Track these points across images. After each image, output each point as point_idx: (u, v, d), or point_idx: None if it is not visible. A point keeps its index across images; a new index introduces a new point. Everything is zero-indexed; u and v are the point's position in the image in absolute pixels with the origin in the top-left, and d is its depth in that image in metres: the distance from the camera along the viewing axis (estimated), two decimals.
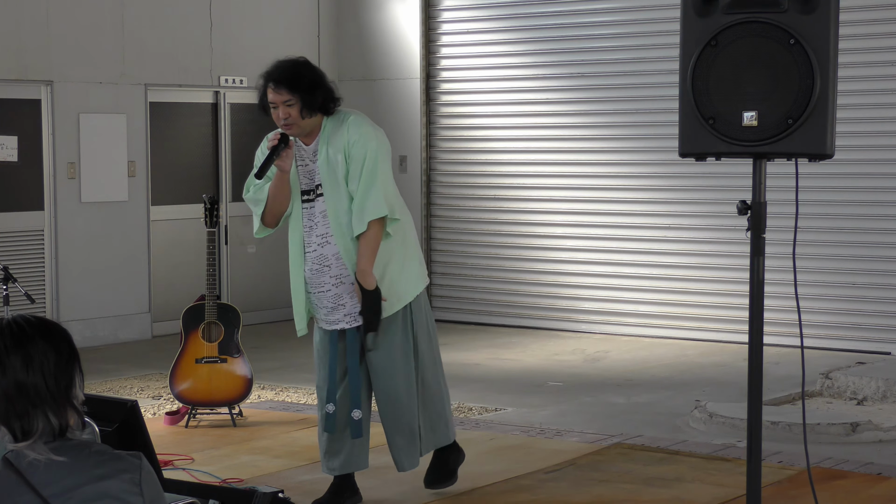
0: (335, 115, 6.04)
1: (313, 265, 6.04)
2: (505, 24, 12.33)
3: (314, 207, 6.03)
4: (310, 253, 6.05)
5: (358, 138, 5.93)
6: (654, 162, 11.53)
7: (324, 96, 5.97)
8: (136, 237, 11.55)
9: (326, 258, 6.01)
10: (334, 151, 5.95)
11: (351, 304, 6.00)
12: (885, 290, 10.60)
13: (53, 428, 2.67)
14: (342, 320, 6.03)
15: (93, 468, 2.65)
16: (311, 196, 6.03)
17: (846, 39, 7.78)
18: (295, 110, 5.92)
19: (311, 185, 6.03)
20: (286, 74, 6.00)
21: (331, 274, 6.01)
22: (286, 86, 5.94)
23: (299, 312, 6.13)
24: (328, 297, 6.03)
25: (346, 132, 5.95)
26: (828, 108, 4.56)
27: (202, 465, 6.77)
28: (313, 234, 6.04)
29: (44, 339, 2.71)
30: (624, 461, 6.98)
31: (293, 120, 5.93)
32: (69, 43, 11.05)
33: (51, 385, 2.68)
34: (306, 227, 6.05)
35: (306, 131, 6.00)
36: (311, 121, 5.98)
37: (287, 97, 5.92)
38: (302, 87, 5.93)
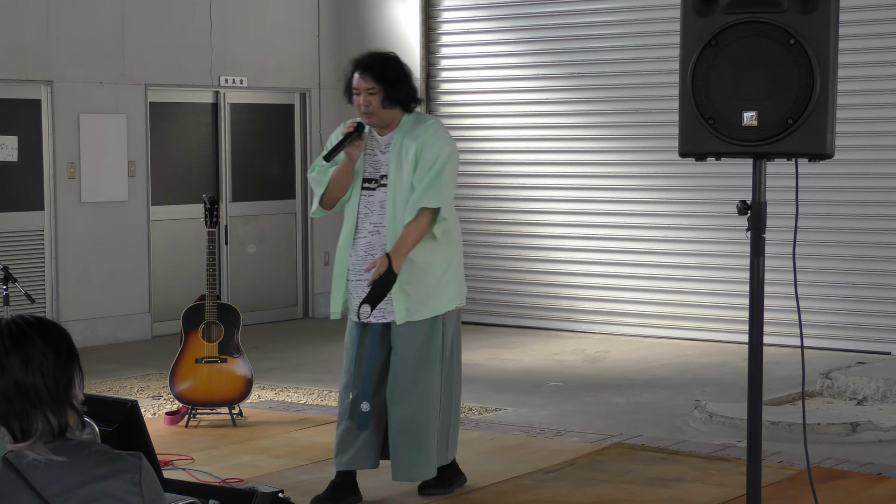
0: (416, 115, 6.18)
1: (360, 252, 6.14)
2: (505, 24, 12.33)
3: (373, 196, 6.12)
4: (359, 239, 6.14)
5: (434, 142, 6.05)
6: (654, 162, 11.53)
7: (406, 92, 6.12)
8: (136, 237, 11.55)
9: (374, 247, 6.11)
10: (407, 148, 6.06)
11: (386, 300, 6.03)
12: (885, 290, 10.60)
13: (53, 428, 2.66)
14: (371, 314, 6.07)
15: (93, 468, 2.64)
16: (372, 185, 6.13)
17: (846, 39, 7.78)
18: (376, 99, 6.05)
19: (375, 175, 6.13)
20: (374, 63, 6.13)
21: None
22: (372, 74, 6.07)
23: (336, 297, 6.21)
24: (364, 287, 6.07)
25: (423, 133, 6.07)
26: (828, 108, 4.56)
27: (202, 465, 6.77)
28: (367, 222, 6.13)
29: (43, 339, 2.70)
30: (624, 461, 6.98)
31: (373, 109, 6.06)
32: (69, 43, 11.05)
33: (50, 385, 2.67)
34: (361, 214, 6.14)
35: (384, 122, 6.12)
36: (390, 113, 6.11)
37: (371, 85, 6.05)
38: (387, 78, 6.07)
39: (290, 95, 12.87)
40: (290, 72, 12.71)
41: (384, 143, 6.17)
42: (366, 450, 6.21)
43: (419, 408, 6.13)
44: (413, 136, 6.10)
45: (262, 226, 12.70)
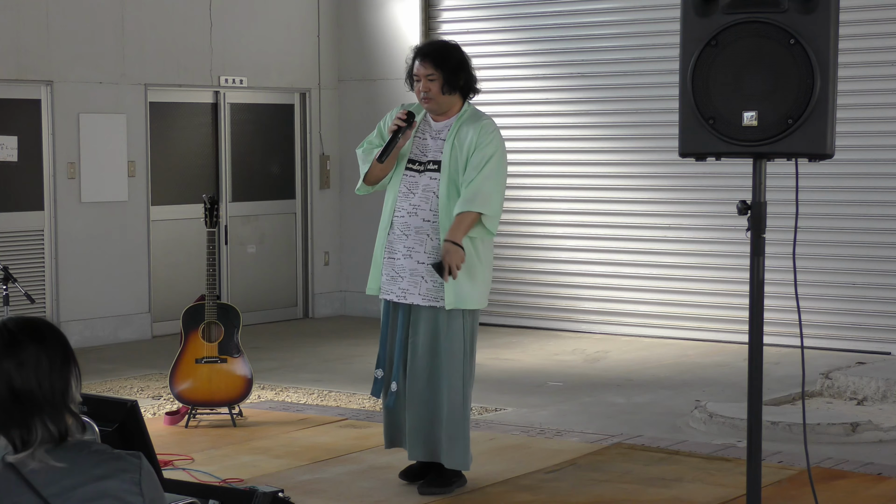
0: (474, 108, 6.30)
1: (396, 231, 6.25)
2: (505, 24, 12.33)
3: (416, 178, 6.23)
4: (397, 218, 6.25)
5: (492, 139, 6.17)
6: (654, 162, 11.53)
7: (466, 79, 6.24)
8: (136, 237, 11.55)
9: (408, 227, 6.22)
10: (462, 138, 6.17)
11: (408, 282, 6.18)
12: (885, 290, 10.60)
13: (53, 435, 2.63)
14: (395, 292, 6.22)
15: (92, 468, 2.63)
16: (417, 167, 6.24)
17: (846, 39, 7.78)
18: (436, 86, 6.18)
19: (422, 158, 6.25)
20: (434, 50, 6.28)
21: (406, 244, 6.22)
22: (432, 60, 6.21)
23: (374, 274, 6.35)
24: (394, 266, 6.22)
25: (481, 127, 6.17)
26: (828, 108, 4.56)
27: (202, 465, 6.77)
28: (406, 202, 6.24)
29: (36, 344, 2.66)
30: (624, 461, 6.97)
31: (433, 94, 6.19)
32: (69, 43, 11.05)
33: (46, 392, 2.63)
34: (401, 193, 6.25)
35: (443, 108, 6.25)
36: (449, 99, 6.23)
37: (431, 71, 6.18)
38: (447, 65, 6.20)
39: (290, 95, 12.87)
40: (290, 72, 12.71)
41: (437, 129, 6.29)
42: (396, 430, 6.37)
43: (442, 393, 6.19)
44: (470, 127, 6.21)
45: (262, 226, 12.70)
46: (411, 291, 6.20)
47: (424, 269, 6.17)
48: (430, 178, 6.21)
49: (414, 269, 6.19)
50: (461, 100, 6.29)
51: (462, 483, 6.42)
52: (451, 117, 6.27)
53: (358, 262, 12.95)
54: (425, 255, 6.18)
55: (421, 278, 6.18)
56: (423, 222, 6.20)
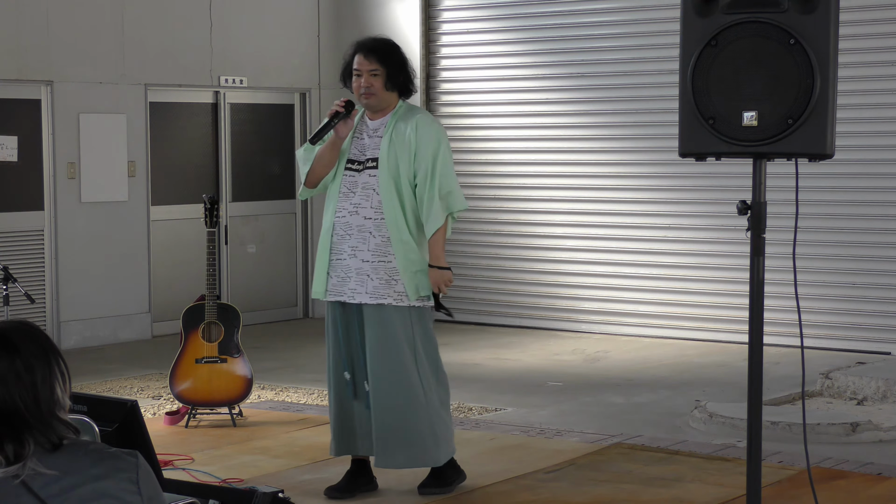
0: (408, 104, 6.32)
1: (339, 231, 6.26)
2: (505, 24, 12.33)
3: (356, 178, 6.23)
4: (339, 218, 6.26)
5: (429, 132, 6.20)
6: (654, 162, 11.53)
7: (405, 78, 6.26)
8: (136, 237, 11.55)
9: (350, 226, 6.22)
10: (401, 132, 6.18)
11: (355, 281, 6.17)
12: (885, 290, 10.60)
13: (45, 447, 2.57)
14: (344, 293, 6.21)
15: (90, 468, 2.61)
16: (356, 167, 6.24)
17: (846, 39, 7.78)
18: (378, 81, 6.19)
19: (361, 157, 6.25)
20: (378, 46, 6.28)
21: (349, 244, 6.22)
22: (376, 56, 6.21)
23: (319, 277, 6.33)
24: (341, 266, 6.23)
25: (416, 122, 6.19)
26: (828, 108, 4.56)
27: (202, 465, 6.77)
28: (347, 202, 6.24)
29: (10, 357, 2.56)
30: (624, 461, 6.97)
31: (374, 90, 6.20)
32: (69, 43, 11.04)
33: (31, 407, 2.55)
34: (342, 193, 6.25)
35: (382, 105, 6.25)
36: (388, 96, 6.25)
37: (374, 66, 6.19)
38: (391, 61, 6.21)
39: (290, 95, 12.87)
40: (290, 72, 12.71)
41: (373, 127, 6.28)
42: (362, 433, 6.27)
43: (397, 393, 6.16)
44: (406, 122, 6.22)
45: (262, 226, 12.70)
46: (358, 291, 6.19)
47: (370, 267, 6.17)
48: (370, 175, 6.21)
49: (359, 269, 6.18)
50: (398, 98, 6.29)
51: (462, 479, 6.40)
52: (386, 115, 6.27)
53: None
54: (369, 253, 6.17)
55: (367, 276, 6.18)
56: (365, 220, 6.19)
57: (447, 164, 6.22)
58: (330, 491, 6.30)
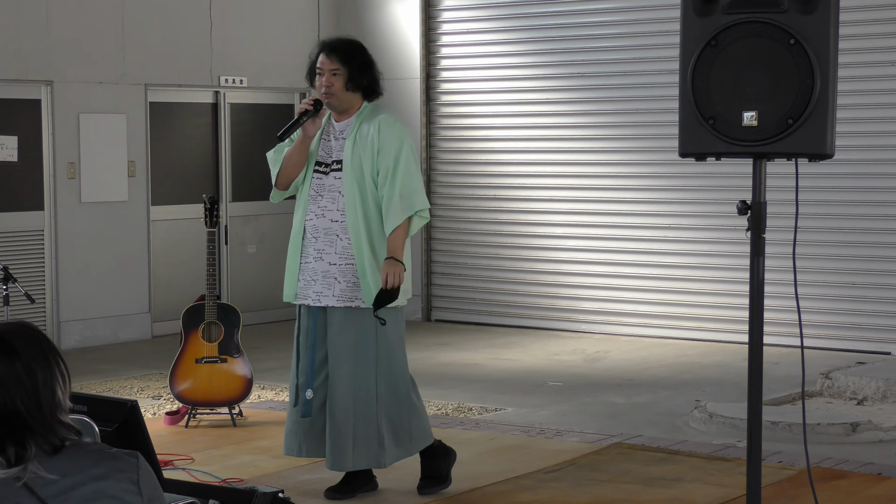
0: (374, 105, 6.28)
1: (308, 234, 6.24)
2: (505, 24, 12.33)
3: (323, 180, 6.22)
4: (308, 221, 6.24)
5: (392, 132, 6.14)
6: (654, 162, 11.53)
7: (369, 80, 6.24)
8: (136, 237, 11.55)
9: (317, 229, 6.21)
10: (364, 134, 6.15)
11: (322, 284, 6.16)
12: (885, 290, 10.60)
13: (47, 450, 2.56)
14: (310, 296, 6.22)
15: (90, 468, 2.60)
16: (324, 169, 6.23)
17: (846, 39, 7.78)
18: (339, 81, 6.17)
19: (328, 160, 6.24)
20: (342, 46, 6.26)
21: (316, 247, 6.21)
22: (338, 56, 6.19)
23: (290, 281, 6.32)
24: (308, 270, 6.22)
25: (379, 122, 6.15)
26: (828, 108, 4.56)
27: (202, 465, 6.77)
28: (315, 205, 6.23)
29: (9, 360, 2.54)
30: (624, 461, 6.97)
31: (335, 90, 6.17)
32: (69, 43, 11.04)
33: (33, 410, 2.54)
34: (310, 196, 6.24)
35: (344, 106, 6.23)
36: (350, 97, 6.22)
37: (336, 66, 6.17)
38: (352, 62, 6.19)
39: (290, 95, 12.87)
40: (290, 72, 12.70)
41: (339, 129, 6.27)
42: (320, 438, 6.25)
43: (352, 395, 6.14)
44: (369, 123, 6.19)
45: (262, 226, 12.70)
46: (325, 294, 6.17)
47: (336, 269, 6.14)
48: (335, 177, 6.19)
49: (326, 271, 6.17)
50: (362, 100, 6.26)
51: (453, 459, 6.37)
52: (351, 116, 6.25)
53: None
54: (336, 256, 6.15)
55: (334, 279, 6.16)
56: (332, 223, 6.17)
57: (410, 163, 6.15)
58: (329, 492, 6.30)
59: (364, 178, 6.14)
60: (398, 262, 6.07)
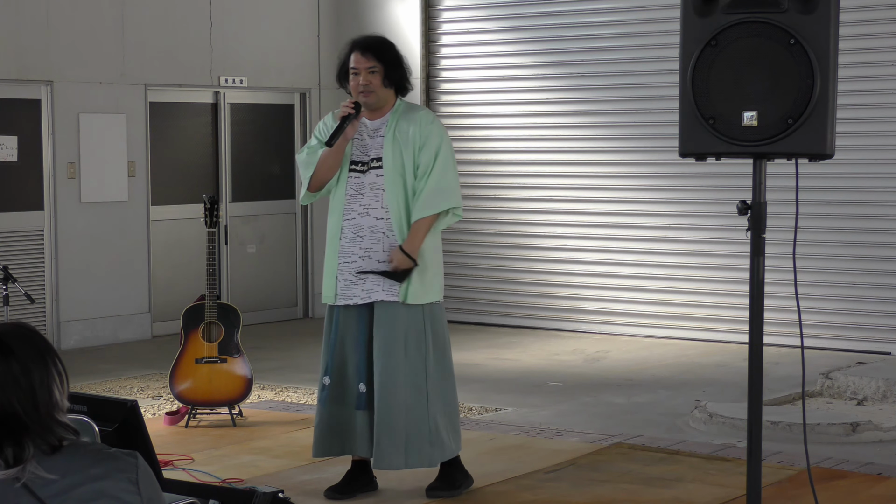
0: (406, 101, 6.31)
1: (348, 234, 6.21)
2: (505, 24, 12.33)
3: (362, 179, 6.19)
4: (347, 221, 6.21)
5: (432, 130, 6.19)
6: (654, 162, 11.53)
7: (401, 75, 6.25)
8: (136, 237, 11.55)
9: (362, 228, 6.19)
10: (403, 131, 6.17)
11: (372, 281, 6.15)
12: (885, 290, 10.60)
13: (45, 450, 2.56)
14: (357, 295, 6.19)
15: (89, 468, 2.60)
16: (361, 168, 6.21)
17: (846, 39, 7.78)
18: (377, 78, 6.17)
19: (364, 158, 6.22)
20: (375, 43, 6.28)
21: (361, 245, 6.19)
22: (374, 53, 6.20)
23: (329, 282, 6.28)
24: (352, 270, 6.18)
25: (420, 120, 6.19)
26: (828, 108, 4.56)
27: (202, 465, 6.77)
28: (356, 203, 6.20)
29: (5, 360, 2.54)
30: (624, 461, 6.97)
31: (373, 87, 6.18)
32: (69, 43, 11.04)
33: (30, 410, 2.54)
34: (349, 196, 6.21)
35: (380, 102, 6.23)
36: (386, 94, 6.24)
37: (372, 63, 6.17)
38: (388, 58, 6.21)
39: (290, 95, 12.87)
40: (290, 72, 12.71)
41: (373, 127, 6.26)
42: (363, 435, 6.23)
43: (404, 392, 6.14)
44: (408, 120, 6.20)
45: (262, 226, 12.70)
46: (375, 290, 6.17)
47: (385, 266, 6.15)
48: (376, 175, 6.18)
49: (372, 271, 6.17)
50: (395, 96, 6.28)
51: (469, 484, 6.38)
52: (385, 114, 6.25)
53: None
54: (384, 254, 6.15)
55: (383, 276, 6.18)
56: (377, 220, 6.17)
57: (449, 160, 6.20)
58: (329, 492, 6.30)
59: (406, 175, 6.16)
60: (409, 260, 6.09)
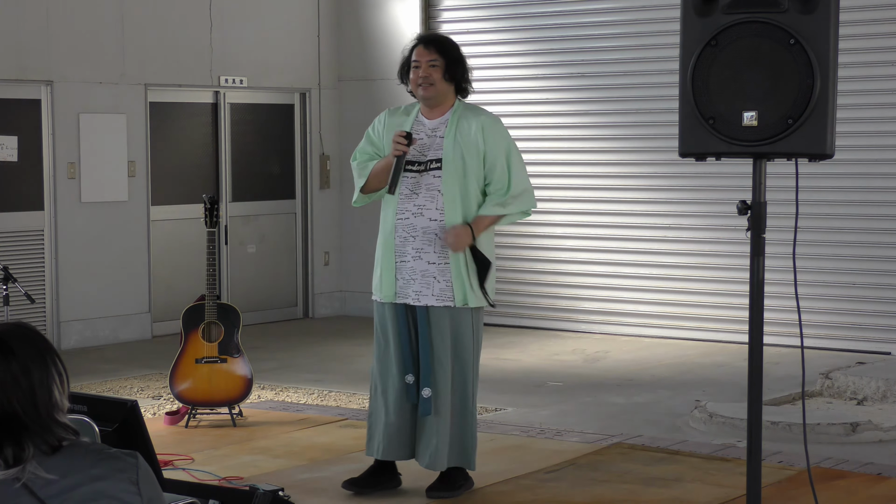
0: (466, 103, 6.35)
1: (401, 233, 6.23)
2: (505, 24, 12.33)
3: (419, 179, 6.21)
4: (401, 220, 6.23)
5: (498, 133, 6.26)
6: (654, 162, 11.53)
7: (462, 73, 6.30)
8: (136, 237, 11.55)
9: (415, 228, 6.20)
10: (465, 132, 6.19)
11: (420, 283, 6.17)
12: (885, 290, 10.59)
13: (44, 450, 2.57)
14: (410, 296, 6.20)
15: (89, 468, 2.60)
16: (418, 168, 6.22)
17: (846, 39, 7.78)
18: (437, 72, 6.23)
19: (422, 158, 6.23)
20: (437, 38, 6.40)
21: (414, 245, 6.20)
22: (436, 47, 6.28)
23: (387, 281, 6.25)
24: (406, 269, 6.20)
25: (482, 124, 6.22)
26: (828, 108, 4.56)
27: (202, 465, 6.77)
28: (410, 203, 6.21)
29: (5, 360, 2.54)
30: (624, 461, 6.97)
31: (433, 80, 6.23)
32: (69, 43, 11.04)
33: (29, 411, 2.55)
34: (403, 195, 6.22)
35: (440, 99, 6.26)
36: (446, 90, 6.27)
37: (433, 57, 6.23)
38: (449, 53, 6.27)
39: (290, 95, 12.87)
40: (290, 72, 12.71)
41: (432, 127, 6.28)
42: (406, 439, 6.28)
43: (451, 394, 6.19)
44: (470, 121, 6.23)
45: (262, 226, 12.70)
46: (424, 293, 6.17)
47: (436, 269, 6.16)
48: (434, 176, 6.18)
49: (425, 271, 6.17)
50: (454, 95, 6.31)
51: (469, 486, 6.39)
52: (444, 113, 6.27)
53: (358, 261, 12.94)
54: (435, 255, 6.16)
55: (433, 279, 6.17)
56: (430, 222, 6.17)
57: (520, 161, 6.32)
58: (348, 483, 6.33)
59: (466, 178, 6.17)
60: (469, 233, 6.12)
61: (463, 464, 6.29)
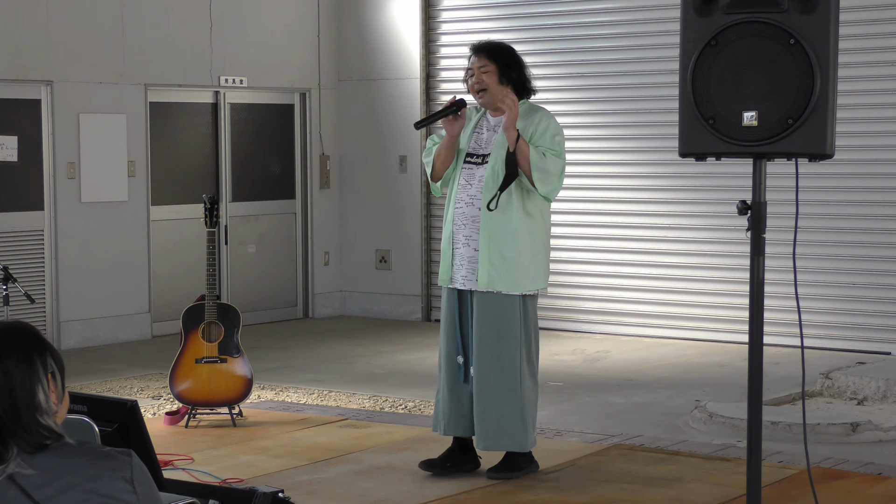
0: (529, 104, 6.59)
1: (457, 221, 6.52)
2: (505, 25, 12.32)
3: (474, 171, 6.50)
4: (457, 209, 6.53)
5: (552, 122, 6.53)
6: (654, 162, 11.53)
7: (518, 76, 6.56)
8: (136, 237, 11.55)
9: (466, 217, 6.48)
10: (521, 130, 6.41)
11: (467, 269, 6.44)
12: (885, 290, 10.59)
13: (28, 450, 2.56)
14: (458, 281, 6.50)
15: (84, 468, 2.59)
16: (475, 160, 6.51)
17: (846, 39, 7.78)
18: (490, 77, 6.48)
19: (479, 151, 6.52)
20: (487, 45, 6.60)
21: (464, 234, 6.49)
22: (486, 53, 6.52)
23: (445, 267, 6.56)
24: (458, 255, 6.50)
25: (539, 119, 6.49)
26: (828, 108, 4.56)
27: (202, 465, 6.77)
28: (465, 193, 6.51)
29: None
30: (624, 461, 6.98)
31: (486, 85, 6.49)
32: (69, 43, 11.04)
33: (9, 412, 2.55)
34: (460, 185, 6.52)
35: (494, 102, 6.51)
36: (501, 93, 6.50)
37: (484, 63, 6.49)
38: (500, 58, 6.51)
39: (290, 95, 12.87)
40: (290, 72, 12.71)
41: (494, 122, 6.55)
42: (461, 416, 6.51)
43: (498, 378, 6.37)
44: (527, 120, 6.47)
45: (262, 226, 12.70)
46: (470, 279, 6.44)
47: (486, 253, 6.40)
48: (487, 169, 6.45)
49: (472, 257, 6.44)
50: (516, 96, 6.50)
51: (534, 469, 6.60)
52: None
53: (358, 261, 12.94)
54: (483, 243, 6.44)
55: (479, 264, 6.41)
56: (479, 211, 6.44)
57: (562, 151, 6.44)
58: (425, 464, 6.55)
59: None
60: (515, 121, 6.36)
61: (514, 447, 6.47)
